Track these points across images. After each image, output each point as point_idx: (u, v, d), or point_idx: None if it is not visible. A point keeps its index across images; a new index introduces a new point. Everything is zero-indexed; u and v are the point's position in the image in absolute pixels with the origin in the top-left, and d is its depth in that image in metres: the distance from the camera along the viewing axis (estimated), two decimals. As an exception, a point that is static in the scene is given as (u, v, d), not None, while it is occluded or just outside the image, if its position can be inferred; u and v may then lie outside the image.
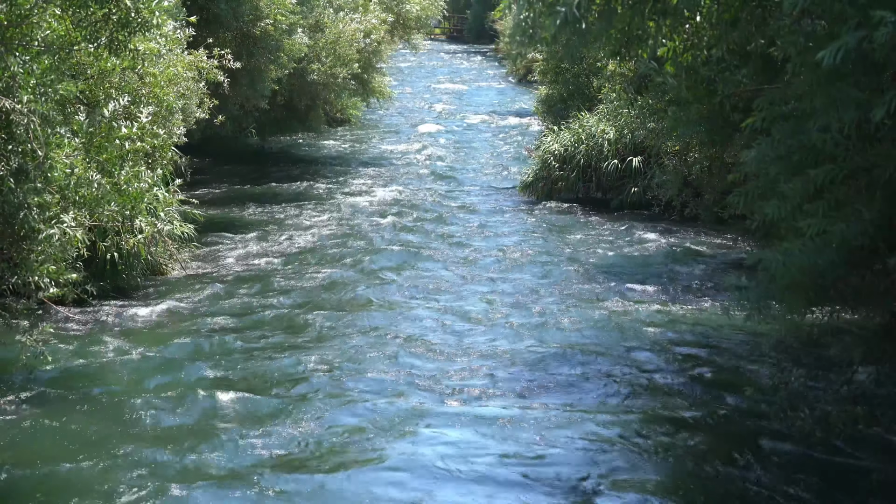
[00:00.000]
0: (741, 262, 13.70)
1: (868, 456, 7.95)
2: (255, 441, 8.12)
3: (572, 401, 9.25)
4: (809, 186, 6.46)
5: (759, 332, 9.92)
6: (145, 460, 7.73)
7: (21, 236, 7.89)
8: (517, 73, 43.83)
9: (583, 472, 7.74)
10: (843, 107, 5.91)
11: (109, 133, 8.50)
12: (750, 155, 7.01)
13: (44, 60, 7.32)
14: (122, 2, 7.65)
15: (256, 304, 12.14)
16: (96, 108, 8.55)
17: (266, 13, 18.07)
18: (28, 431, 8.26)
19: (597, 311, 11.96)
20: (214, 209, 17.75)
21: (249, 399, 9.04)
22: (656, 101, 9.97)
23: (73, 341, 10.38)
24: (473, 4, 65.68)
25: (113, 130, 8.63)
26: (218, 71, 14.29)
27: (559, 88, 23.72)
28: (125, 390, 9.23)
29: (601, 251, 15.29)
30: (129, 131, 8.54)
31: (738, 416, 8.80)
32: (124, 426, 8.38)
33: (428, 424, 8.58)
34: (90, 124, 8.50)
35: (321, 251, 14.97)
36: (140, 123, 9.75)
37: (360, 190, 20.49)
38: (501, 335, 11.11)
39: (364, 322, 11.53)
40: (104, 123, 8.37)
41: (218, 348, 10.43)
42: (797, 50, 6.35)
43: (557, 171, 19.07)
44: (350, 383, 9.50)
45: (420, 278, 13.67)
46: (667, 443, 8.28)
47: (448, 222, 17.56)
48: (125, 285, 12.12)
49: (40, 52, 7.38)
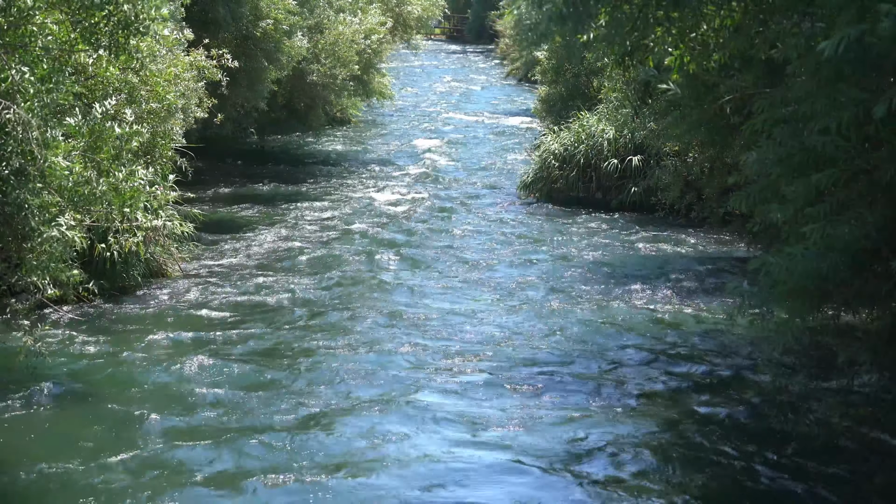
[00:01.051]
0: (743, 262, 13.70)
1: (871, 459, 7.93)
2: (255, 441, 8.11)
3: (572, 401, 9.23)
4: (811, 189, 6.45)
5: (761, 333, 9.91)
6: (145, 460, 7.72)
7: (21, 236, 7.87)
8: (517, 73, 43.81)
9: (583, 472, 7.73)
10: (843, 107, 5.91)
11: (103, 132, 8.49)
12: (751, 158, 7.00)
13: (43, 65, 7.30)
14: (121, 5, 7.63)
15: (256, 304, 12.12)
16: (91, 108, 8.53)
17: (266, 14, 18.05)
18: (28, 431, 8.25)
19: (597, 312, 11.95)
20: (214, 209, 17.73)
21: (249, 398, 9.03)
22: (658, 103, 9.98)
23: (72, 341, 10.37)
24: (474, 4, 65.61)
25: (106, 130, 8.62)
26: (217, 70, 14.28)
27: (559, 88, 23.72)
28: (125, 389, 9.22)
29: (601, 251, 15.28)
30: (123, 131, 8.53)
31: (740, 419, 8.78)
32: (125, 425, 8.37)
33: (428, 424, 8.57)
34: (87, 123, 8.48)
35: (321, 251, 14.96)
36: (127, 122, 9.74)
37: (359, 190, 20.47)
38: (501, 335, 11.10)
39: (363, 322, 11.51)
40: (97, 124, 8.35)
41: (218, 347, 10.42)
42: (798, 52, 6.35)
43: (557, 171, 19.05)
44: (350, 384, 9.49)
45: (419, 278, 13.66)
46: (666, 443, 8.27)
47: (447, 222, 17.54)
48: (125, 285, 12.10)
49: (40, 55, 7.36)
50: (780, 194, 6.75)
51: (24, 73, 7.20)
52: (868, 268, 6.74)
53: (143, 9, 7.84)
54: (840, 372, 8.68)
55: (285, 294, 12.57)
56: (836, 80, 6.08)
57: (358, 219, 17.49)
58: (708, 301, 12.46)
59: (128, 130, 8.64)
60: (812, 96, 6.25)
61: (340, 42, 22.19)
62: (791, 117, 6.80)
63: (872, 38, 5.33)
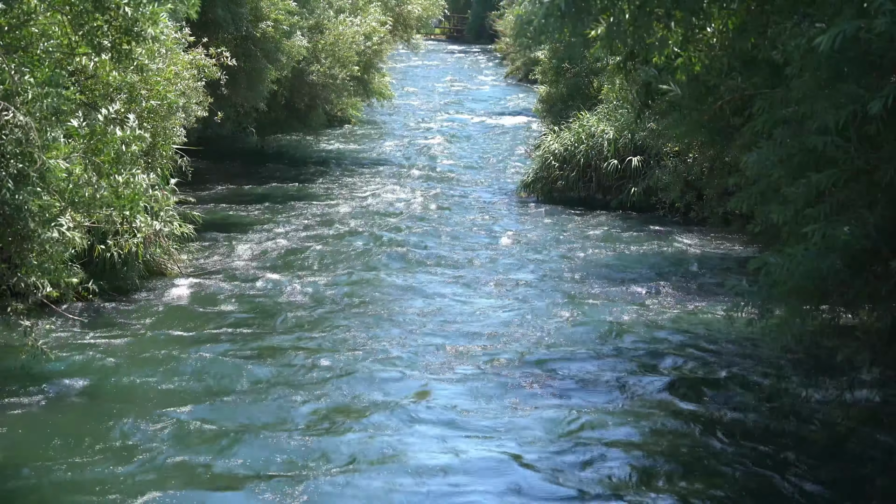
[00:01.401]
0: (742, 261, 13.70)
1: (873, 460, 7.92)
2: (255, 441, 8.12)
3: (571, 400, 9.24)
4: (811, 190, 6.44)
5: (761, 333, 9.90)
6: (145, 460, 7.73)
7: (21, 237, 7.87)
8: (517, 72, 43.80)
9: (583, 471, 7.73)
10: (842, 105, 5.91)
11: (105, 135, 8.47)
12: (751, 158, 6.99)
13: (44, 69, 7.30)
14: (123, 9, 7.63)
15: (256, 304, 12.13)
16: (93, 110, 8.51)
17: (266, 15, 18.04)
18: (28, 431, 8.25)
19: (596, 311, 11.95)
20: (214, 209, 17.73)
21: (249, 399, 9.04)
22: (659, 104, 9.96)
23: (72, 341, 10.37)
24: (474, 4, 65.59)
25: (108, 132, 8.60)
26: (216, 68, 14.26)
27: (559, 88, 23.71)
28: (125, 390, 9.22)
29: (601, 251, 15.28)
30: (124, 134, 8.50)
31: (739, 420, 8.78)
32: (125, 426, 8.37)
33: (427, 423, 8.58)
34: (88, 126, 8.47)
35: (320, 250, 14.95)
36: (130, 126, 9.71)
37: (359, 189, 20.47)
38: (500, 334, 11.10)
39: (363, 322, 11.51)
40: (100, 126, 8.33)
41: (217, 347, 10.42)
42: (799, 52, 6.34)
43: (557, 171, 19.06)
44: (350, 384, 9.48)
45: (419, 277, 13.66)
46: (665, 444, 8.27)
47: (447, 222, 17.54)
48: (124, 286, 12.10)
49: (41, 57, 7.36)
50: (781, 195, 6.75)
51: (23, 76, 7.20)
52: (868, 268, 6.74)
53: (143, 14, 7.84)
54: (840, 372, 8.67)
55: (285, 294, 12.57)
56: (835, 79, 6.08)
57: (358, 218, 17.48)
58: (707, 301, 12.45)
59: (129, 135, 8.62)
60: (812, 96, 6.24)
61: (340, 42, 22.18)
62: (791, 118, 6.79)
63: (869, 34, 5.33)
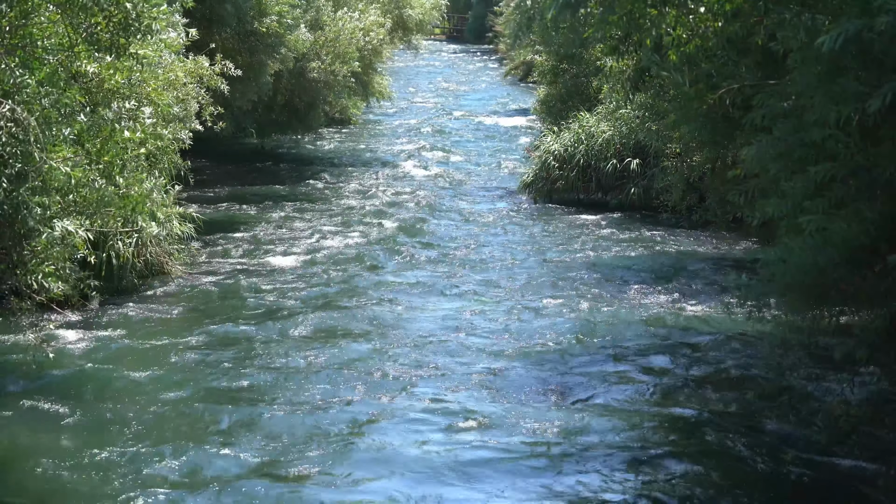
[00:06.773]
0: (743, 261, 13.69)
1: (874, 459, 7.89)
2: (254, 442, 8.12)
3: (571, 399, 9.24)
4: (810, 184, 6.42)
5: (761, 332, 9.90)
6: (145, 461, 7.72)
7: (21, 237, 7.88)
8: (517, 73, 43.80)
9: (583, 471, 7.73)
10: (842, 101, 5.88)
11: (111, 135, 8.47)
12: (750, 152, 6.96)
13: (45, 68, 7.32)
14: (122, 4, 7.63)
15: (256, 304, 12.13)
16: (97, 110, 8.52)
17: (270, 9, 18.06)
18: (28, 431, 8.25)
19: (596, 311, 11.95)
20: (214, 209, 17.74)
21: (249, 399, 9.03)
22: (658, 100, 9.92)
23: (73, 342, 10.38)
24: (474, 4, 65.65)
25: (115, 133, 8.60)
26: (220, 78, 14.21)
27: (559, 88, 23.69)
28: (126, 391, 9.22)
29: (601, 251, 15.28)
30: (132, 134, 8.49)
31: (739, 418, 8.76)
32: (125, 426, 8.37)
33: (427, 422, 8.58)
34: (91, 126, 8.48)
35: (320, 251, 14.96)
36: (143, 126, 9.66)
37: (359, 190, 20.48)
38: (500, 334, 11.10)
39: (363, 322, 11.51)
40: (105, 126, 8.33)
41: (217, 348, 10.42)
42: (798, 44, 6.31)
43: (557, 172, 19.04)
44: (351, 384, 9.48)
45: (419, 277, 13.66)
46: (664, 442, 8.26)
47: (447, 222, 17.54)
48: (125, 286, 12.11)
49: (41, 56, 7.37)
50: (780, 189, 6.73)
51: (23, 75, 7.21)
52: (866, 264, 6.72)
53: (143, 10, 7.85)
54: (840, 370, 8.65)
55: (284, 294, 12.58)
56: (836, 74, 6.06)
57: (357, 218, 17.49)
58: (707, 300, 12.45)
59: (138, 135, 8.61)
60: (812, 89, 6.21)
61: (340, 38, 22.22)
62: (791, 112, 6.76)
63: (871, 33, 5.31)
